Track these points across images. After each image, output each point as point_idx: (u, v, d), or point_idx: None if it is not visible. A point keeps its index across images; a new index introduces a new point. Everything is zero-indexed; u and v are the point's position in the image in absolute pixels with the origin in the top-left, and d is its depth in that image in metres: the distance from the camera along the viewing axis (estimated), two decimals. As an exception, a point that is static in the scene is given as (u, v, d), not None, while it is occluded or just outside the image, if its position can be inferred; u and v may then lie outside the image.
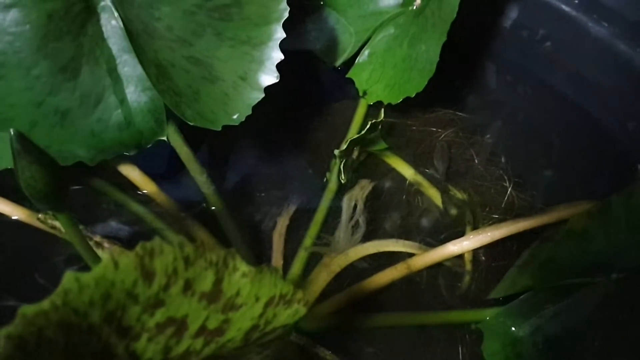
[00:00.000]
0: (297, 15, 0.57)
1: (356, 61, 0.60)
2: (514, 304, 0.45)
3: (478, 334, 0.46)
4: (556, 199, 0.53)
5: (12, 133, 0.31)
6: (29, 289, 0.48)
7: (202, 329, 0.27)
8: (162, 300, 0.24)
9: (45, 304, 0.21)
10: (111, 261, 0.22)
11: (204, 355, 0.28)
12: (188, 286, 0.25)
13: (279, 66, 0.47)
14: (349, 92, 0.59)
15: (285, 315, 0.30)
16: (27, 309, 0.20)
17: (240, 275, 0.27)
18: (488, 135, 0.60)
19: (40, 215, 0.47)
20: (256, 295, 0.28)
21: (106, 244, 0.47)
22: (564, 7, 0.61)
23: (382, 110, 0.53)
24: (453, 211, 0.53)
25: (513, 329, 0.45)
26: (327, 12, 0.63)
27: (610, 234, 0.44)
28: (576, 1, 0.60)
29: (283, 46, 0.46)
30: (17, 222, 0.49)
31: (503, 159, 0.58)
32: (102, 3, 0.44)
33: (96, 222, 0.51)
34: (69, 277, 0.21)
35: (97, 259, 0.41)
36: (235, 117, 0.47)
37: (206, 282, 0.26)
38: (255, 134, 0.59)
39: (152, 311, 0.24)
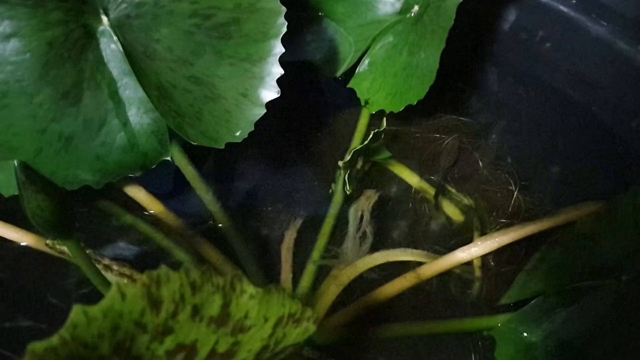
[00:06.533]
0: (296, 27, 0.57)
1: (356, 71, 0.60)
2: (525, 309, 0.45)
3: (490, 340, 0.46)
4: (563, 200, 0.53)
5: (15, 164, 0.31)
6: (42, 310, 0.48)
7: (212, 353, 0.27)
8: (171, 327, 0.24)
9: (54, 339, 0.21)
10: (118, 292, 0.22)
11: (216, 378, 0.28)
12: (196, 312, 0.25)
13: (280, 80, 0.47)
14: (352, 102, 0.59)
15: (295, 334, 0.30)
16: (36, 345, 0.21)
17: (248, 297, 0.27)
18: (492, 139, 0.60)
19: (48, 241, 0.48)
20: (265, 316, 0.28)
21: (115, 267, 0.47)
22: (562, 7, 0.61)
23: (384, 119, 0.53)
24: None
25: (525, 334, 0.44)
26: (325, 23, 0.63)
27: (619, 235, 0.44)
28: (574, 1, 0.60)
29: (283, 58, 0.47)
30: (27, 248, 0.50)
31: (508, 162, 0.58)
32: (101, 28, 0.45)
33: (105, 244, 0.51)
34: (76, 311, 0.21)
35: (106, 283, 0.41)
36: (237, 134, 0.47)
37: (214, 307, 0.26)
38: (259, 148, 0.59)
39: (162, 339, 0.24)
